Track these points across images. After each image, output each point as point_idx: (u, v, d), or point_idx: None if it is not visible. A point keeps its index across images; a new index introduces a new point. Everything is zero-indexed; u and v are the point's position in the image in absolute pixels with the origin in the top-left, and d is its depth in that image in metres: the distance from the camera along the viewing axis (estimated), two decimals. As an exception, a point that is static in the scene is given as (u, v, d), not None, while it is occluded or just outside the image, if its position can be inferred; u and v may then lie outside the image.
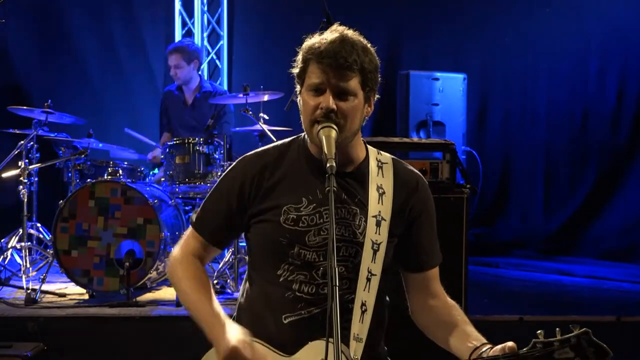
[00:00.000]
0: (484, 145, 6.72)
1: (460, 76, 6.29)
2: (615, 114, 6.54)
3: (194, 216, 2.16)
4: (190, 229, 2.15)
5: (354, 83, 1.97)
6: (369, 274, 1.98)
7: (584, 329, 1.63)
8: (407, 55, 6.89)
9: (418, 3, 6.76)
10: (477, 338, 1.92)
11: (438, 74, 6.22)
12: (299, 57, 2.01)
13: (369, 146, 2.14)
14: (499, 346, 1.77)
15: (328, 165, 1.85)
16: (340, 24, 2.04)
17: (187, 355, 3.82)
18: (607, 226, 6.43)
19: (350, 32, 2.00)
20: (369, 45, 2.03)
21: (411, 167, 2.17)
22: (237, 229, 2.12)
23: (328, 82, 1.94)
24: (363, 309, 1.97)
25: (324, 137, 1.92)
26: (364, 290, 1.98)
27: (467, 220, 3.37)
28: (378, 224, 2.00)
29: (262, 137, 5.00)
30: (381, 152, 2.15)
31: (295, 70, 2.03)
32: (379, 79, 2.06)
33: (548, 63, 6.68)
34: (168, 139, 5.72)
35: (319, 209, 2.01)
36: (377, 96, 2.08)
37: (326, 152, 1.88)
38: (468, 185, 3.42)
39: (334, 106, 1.94)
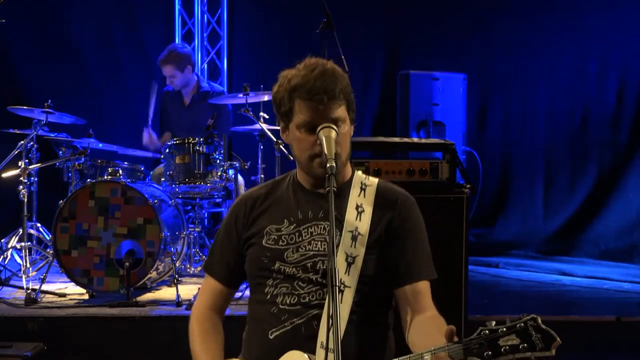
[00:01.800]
0: (484, 145, 6.72)
1: (460, 76, 6.29)
2: (615, 114, 6.52)
3: (204, 262, 2.25)
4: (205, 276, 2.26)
5: (342, 110, 2.04)
6: (342, 286, 1.99)
7: (532, 315, 1.60)
8: (407, 55, 6.88)
9: (418, 3, 6.75)
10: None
11: (438, 74, 6.22)
12: (283, 96, 2.06)
13: (357, 171, 2.20)
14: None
15: (328, 165, 1.89)
16: (312, 56, 2.10)
17: (187, 356, 3.82)
18: (607, 226, 6.42)
19: (324, 62, 2.07)
20: (339, 68, 2.10)
21: (397, 187, 2.19)
22: (241, 264, 2.18)
23: (321, 117, 2.01)
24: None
25: (324, 138, 1.96)
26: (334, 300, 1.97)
27: (467, 220, 3.36)
28: (354, 239, 2.04)
29: (262, 137, 5.00)
30: (370, 177, 2.19)
31: (280, 109, 2.09)
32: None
33: (548, 63, 6.68)
34: (169, 138, 5.73)
35: (299, 228, 2.09)
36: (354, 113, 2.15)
37: (326, 152, 1.93)
38: (468, 185, 3.41)
39: None
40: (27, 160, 4.83)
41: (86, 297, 4.36)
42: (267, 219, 2.13)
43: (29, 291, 4.19)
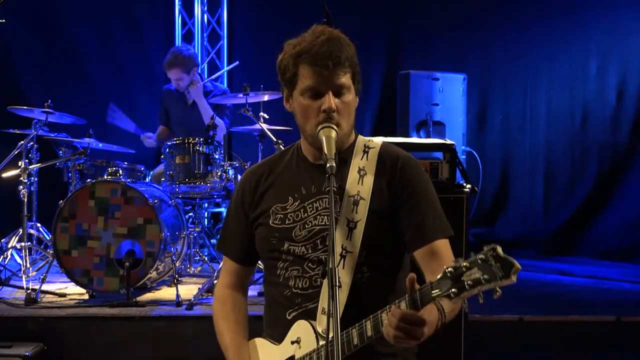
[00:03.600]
0: (484, 145, 6.72)
1: (460, 76, 6.29)
2: (615, 114, 6.54)
3: (217, 242, 2.29)
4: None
5: (347, 79, 2.03)
6: (344, 251, 2.00)
7: (492, 245, 1.58)
8: (407, 55, 6.89)
9: (418, 3, 6.76)
10: None
11: (438, 74, 6.22)
12: (288, 62, 2.05)
13: (360, 136, 2.19)
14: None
15: (328, 165, 1.89)
16: (319, 24, 2.08)
17: (187, 356, 3.83)
18: (607, 226, 6.43)
19: (331, 29, 2.05)
20: (346, 37, 2.07)
21: (400, 149, 2.18)
22: (253, 242, 2.20)
23: (326, 83, 2.00)
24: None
25: (324, 138, 1.97)
26: (337, 266, 1.95)
27: (467, 220, 3.36)
28: (355, 203, 2.03)
29: (263, 137, 5.01)
30: (373, 139, 2.19)
31: (285, 76, 2.08)
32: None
33: (548, 63, 6.68)
34: (164, 132, 5.75)
35: (304, 204, 2.09)
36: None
37: (326, 152, 1.93)
38: (468, 185, 3.41)
39: (335, 106, 2.00)
40: (27, 160, 4.83)
41: (86, 297, 4.36)
42: (272, 197, 2.14)
43: (29, 291, 4.18)
